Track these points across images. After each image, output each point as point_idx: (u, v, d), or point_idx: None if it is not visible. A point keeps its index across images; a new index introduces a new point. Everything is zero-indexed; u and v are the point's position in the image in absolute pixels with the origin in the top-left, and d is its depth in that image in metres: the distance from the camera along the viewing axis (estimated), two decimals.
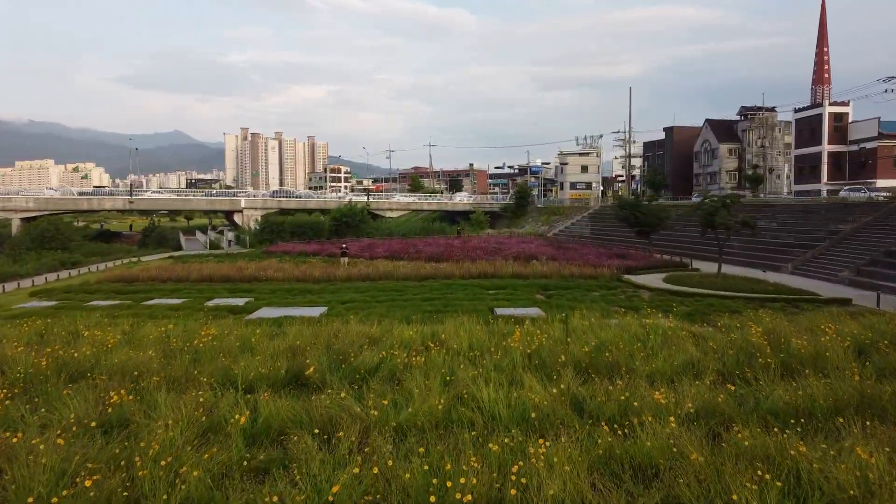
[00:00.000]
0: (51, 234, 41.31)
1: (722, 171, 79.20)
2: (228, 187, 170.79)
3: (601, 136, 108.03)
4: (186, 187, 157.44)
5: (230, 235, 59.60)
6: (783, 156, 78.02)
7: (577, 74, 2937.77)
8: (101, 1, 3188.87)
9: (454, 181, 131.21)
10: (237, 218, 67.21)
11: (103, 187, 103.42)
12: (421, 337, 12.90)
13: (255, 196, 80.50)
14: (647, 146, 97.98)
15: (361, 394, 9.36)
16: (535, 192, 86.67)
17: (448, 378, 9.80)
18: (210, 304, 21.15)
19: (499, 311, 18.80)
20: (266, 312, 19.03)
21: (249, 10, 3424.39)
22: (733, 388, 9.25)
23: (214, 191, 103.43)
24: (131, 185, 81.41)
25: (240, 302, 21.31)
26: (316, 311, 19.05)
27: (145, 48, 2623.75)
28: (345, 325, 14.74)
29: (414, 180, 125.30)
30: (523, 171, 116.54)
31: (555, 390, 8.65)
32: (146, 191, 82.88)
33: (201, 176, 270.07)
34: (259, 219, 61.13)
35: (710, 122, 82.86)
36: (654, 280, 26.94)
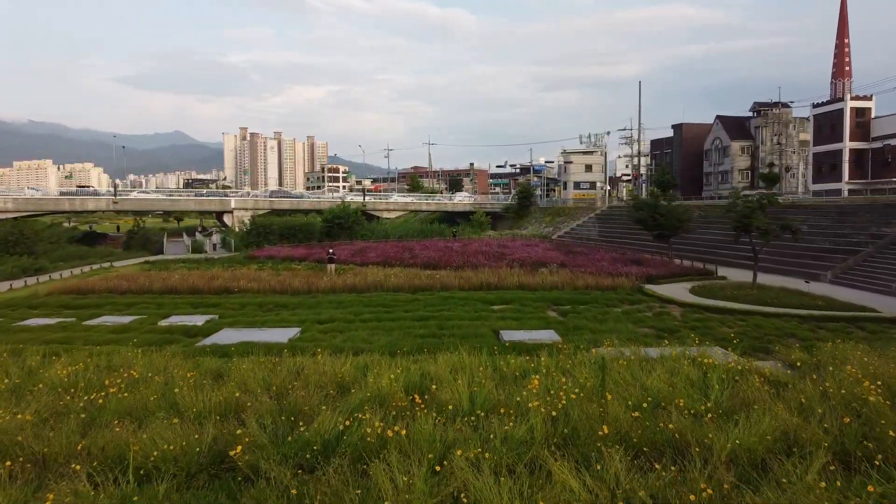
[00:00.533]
0: (14, 237, 37.96)
1: (734, 169, 75.86)
2: (226, 187, 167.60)
3: (608, 132, 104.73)
4: (184, 187, 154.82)
5: (216, 238, 56.41)
6: (798, 154, 74.70)
7: (578, 74, 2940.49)
8: (102, 1, 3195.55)
9: (454, 181, 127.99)
10: (227, 219, 64.07)
11: (88, 187, 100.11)
12: (406, 382, 9.73)
13: (246, 196, 77.31)
14: (654, 144, 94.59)
15: (306, 492, 6.21)
16: (537, 191, 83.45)
17: (438, 466, 6.60)
18: (165, 323, 18.01)
19: (506, 334, 15.62)
20: (225, 336, 15.84)
21: (250, 11, 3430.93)
22: (873, 489, 6.00)
23: (205, 191, 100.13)
24: (115, 185, 78.40)
25: (199, 321, 18.12)
26: (285, 335, 15.87)
27: (146, 49, 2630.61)
28: (311, 360, 11.67)
29: (413, 180, 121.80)
30: (525, 170, 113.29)
31: None
32: (132, 190, 79.64)
33: (201, 176, 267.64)
34: (247, 220, 57.98)
35: (721, 119, 79.49)
36: (680, 291, 23.71)
